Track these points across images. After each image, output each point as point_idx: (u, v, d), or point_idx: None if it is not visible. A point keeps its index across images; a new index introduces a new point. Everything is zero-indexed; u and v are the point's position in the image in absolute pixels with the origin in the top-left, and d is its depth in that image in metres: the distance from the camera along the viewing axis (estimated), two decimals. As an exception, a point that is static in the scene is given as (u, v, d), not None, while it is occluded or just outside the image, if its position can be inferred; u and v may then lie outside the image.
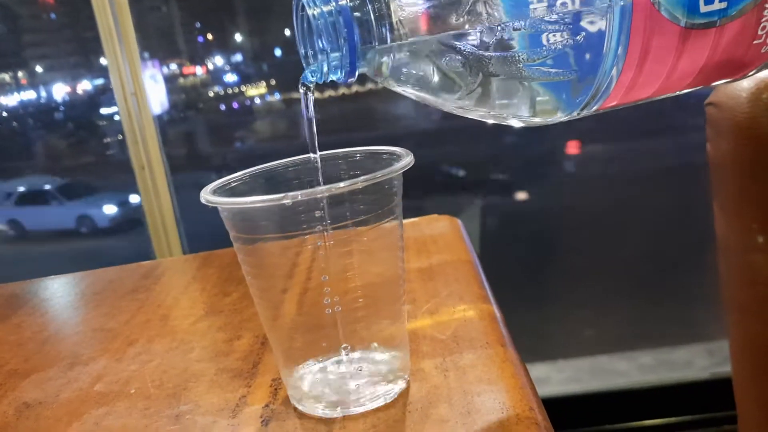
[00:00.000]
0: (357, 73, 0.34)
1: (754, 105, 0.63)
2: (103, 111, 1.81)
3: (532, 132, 1.67)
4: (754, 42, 0.32)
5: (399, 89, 0.35)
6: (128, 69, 1.17)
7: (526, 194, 1.88)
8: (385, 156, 0.38)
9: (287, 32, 1.69)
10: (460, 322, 0.46)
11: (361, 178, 0.33)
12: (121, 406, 0.43)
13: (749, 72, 0.35)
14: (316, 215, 0.35)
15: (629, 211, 1.76)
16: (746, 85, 0.65)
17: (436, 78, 0.34)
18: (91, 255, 2.27)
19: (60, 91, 1.88)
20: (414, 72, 0.34)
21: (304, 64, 0.35)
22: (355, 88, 1.76)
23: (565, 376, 1.63)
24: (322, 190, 0.33)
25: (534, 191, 1.86)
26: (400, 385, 0.39)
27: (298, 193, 0.33)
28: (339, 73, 0.33)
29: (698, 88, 0.36)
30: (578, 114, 0.33)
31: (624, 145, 1.78)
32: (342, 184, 0.33)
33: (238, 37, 1.86)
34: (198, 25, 1.92)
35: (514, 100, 0.33)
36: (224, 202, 0.36)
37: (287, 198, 0.33)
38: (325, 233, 0.35)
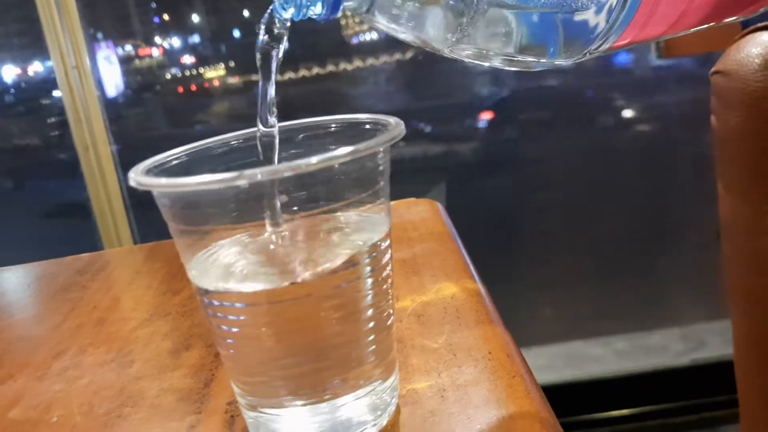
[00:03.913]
0: (342, 6, 0.26)
1: (769, 73, 0.57)
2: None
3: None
4: None
5: (383, 25, 0.28)
6: (69, 40, 1.06)
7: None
8: (368, 125, 0.30)
9: (246, 13, 1.62)
10: (454, 326, 0.39)
11: (339, 152, 0.26)
12: (38, 441, 0.34)
13: (760, 8, 0.33)
14: (281, 201, 0.27)
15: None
16: (759, 51, 0.59)
17: (429, 11, 0.27)
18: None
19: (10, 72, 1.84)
20: (402, 4, 0.27)
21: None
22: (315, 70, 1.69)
23: (540, 363, 1.58)
24: (286, 168, 0.25)
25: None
26: (389, 411, 0.31)
27: (257, 171, 0.25)
28: (320, 5, 0.26)
29: (708, 26, 0.34)
30: (589, 53, 0.30)
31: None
32: (314, 160, 0.25)
33: (195, 18, 1.79)
34: (153, 5, 1.88)
35: (510, 37, 0.29)
36: (160, 185, 0.27)
37: (242, 178, 0.25)
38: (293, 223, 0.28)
